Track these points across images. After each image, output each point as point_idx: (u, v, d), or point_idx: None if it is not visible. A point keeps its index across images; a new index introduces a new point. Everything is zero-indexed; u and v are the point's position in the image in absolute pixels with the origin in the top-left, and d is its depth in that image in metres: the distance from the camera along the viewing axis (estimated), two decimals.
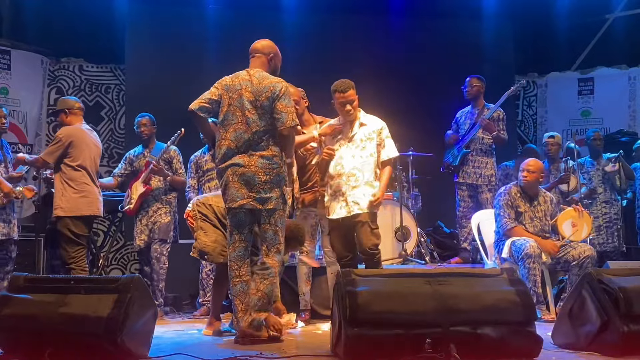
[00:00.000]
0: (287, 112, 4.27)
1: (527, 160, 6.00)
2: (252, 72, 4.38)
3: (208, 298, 6.24)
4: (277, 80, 4.34)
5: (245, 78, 4.36)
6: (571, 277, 5.59)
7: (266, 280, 4.25)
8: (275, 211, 4.29)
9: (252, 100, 4.28)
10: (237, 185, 4.26)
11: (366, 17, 8.66)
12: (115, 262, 8.36)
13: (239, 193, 4.26)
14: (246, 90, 4.30)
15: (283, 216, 4.36)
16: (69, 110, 5.70)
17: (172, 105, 7.80)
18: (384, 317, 3.30)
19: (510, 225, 5.70)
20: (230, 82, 4.37)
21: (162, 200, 6.35)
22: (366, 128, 5.02)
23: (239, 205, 4.26)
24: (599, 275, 3.69)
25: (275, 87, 4.29)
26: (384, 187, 4.97)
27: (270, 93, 4.27)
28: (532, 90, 9.64)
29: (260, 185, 4.24)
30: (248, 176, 4.24)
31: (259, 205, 4.26)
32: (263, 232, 4.32)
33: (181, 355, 3.70)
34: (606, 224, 7.19)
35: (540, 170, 5.90)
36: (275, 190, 4.28)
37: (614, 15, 9.28)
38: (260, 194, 4.25)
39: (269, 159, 4.27)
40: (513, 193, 5.82)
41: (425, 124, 7.97)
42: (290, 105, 4.33)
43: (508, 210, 5.75)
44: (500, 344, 3.30)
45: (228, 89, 4.35)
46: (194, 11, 8.41)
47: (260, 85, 4.30)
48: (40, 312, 3.50)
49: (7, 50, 8.12)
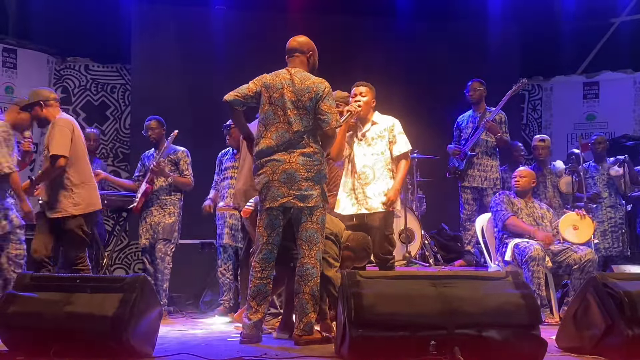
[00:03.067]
0: (331, 113, 4.26)
1: (520, 167, 6.24)
2: (293, 72, 4.34)
3: (225, 297, 6.29)
4: (319, 81, 4.31)
5: (286, 77, 4.31)
6: (573, 281, 5.61)
7: (310, 281, 4.18)
8: (317, 209, 4.22)
9: (294, 100, 4.25)
10: (277, 184, 4.21)
11: (372, 20, 8.68)
12: (119, 261, 8.38)
13: (280, 192, 4.20)
14: (288, 90, 4.26)
15: (324, 214, 4.29)
16: (44, 103, 5.17)
17: (177, 105, 7.90)
18: (388, 319, 3.30)
19: (508, 214, 5.84)
20: (271, 80, 4.33)
21: (166, 201, 6.39)
22: (377, 126, 5.06)
23: (280, 204, 4.21)
24: (604, 279, 3.68)
25: (318, 88, 4.26)
26: (397, 185, 4.95)
27: (314, 94, 4.24)
28: (537, 93, 9.63)
29: (301, 182, 4.19)
30: (289, 173, 4.19)
31: (300, 203, 4.20)
32: (304, 230, 4.22)
33: (186, 354, 3.70)
34: (611, 228, 7.19)
35: (531, 176, 6.10)
36: (316, 188, 4.22)
37: (620, 19, 9.28)
38: (301, 192, 4.19)
39: (309, 156, 4.23)
40: (508, 194, 6.06)
41: (430, 126, 7.97)
42: (334, 105, 4.32)
43: (505, 205, 5.92)
44: (505, 347, 3.29)
45: (268, 87, 4.31)
46: (201, 12, 8.42)
47: (302, 85, 4.27)
48: (45, 311, 3.51)
49: (13, 49, 8.14)
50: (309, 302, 4.17)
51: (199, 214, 6.59)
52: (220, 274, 6.37)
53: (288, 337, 4.46)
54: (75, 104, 8.51)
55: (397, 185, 4.97)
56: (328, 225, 4.47)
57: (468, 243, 6.94)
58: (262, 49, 4.57)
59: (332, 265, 4.42)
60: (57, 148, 4.99)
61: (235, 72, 4.50)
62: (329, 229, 4.49)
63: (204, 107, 7.48)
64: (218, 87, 4.78)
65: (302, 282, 4.19)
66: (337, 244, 4.52)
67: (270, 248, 4.29)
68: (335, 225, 4.62)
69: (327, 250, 4.41)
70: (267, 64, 4.54)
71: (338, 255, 4.50)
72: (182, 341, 4.50)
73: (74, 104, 8.50)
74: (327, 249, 4.42)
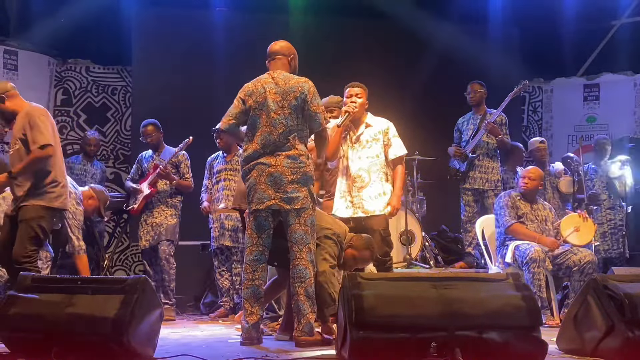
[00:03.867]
0: (321, 112, 4.32)
1: (528, 167, 6.07)
2: (275, 75, 4.37)
3: (224, 299, 6.30)
4: (304, 80, 4.35)
5: (268, 81, 4.35)
6: (573, 283, 5.62)
7: (304, 282, 4.21)
8: (304, 210, 4.25)
9: (279, 101, 4.27)
10: (263, 187, 4.24)
11: (371, 21, 8.67)
12: (119, 263, 8.38)
13: (266, 194, 4.24)
14: (271, 92, 4.29)
15: (312, 215, 4.31)
16: (6, 94, 4.77)
17: (178, 107, 7.90)
18: (389, 321, 3.30)
19: (511, 221, 5.77)
20: (253, 87, 4.37)
21: (167, 203, 6.42)
22: (372, 129, 5.04)
23: (266, 207, 4.25)
24: (604, 281, 3.68)
25: (303, 87, 4.29)
26: (399, 192, 4.97)
27: (299, 93, 4.27)
28: (537, 95, 9.64)
29: (287, 185, 4.22)
30: (275, 176, 4.23)
31: (286, 206, 4.23)
32: (293, 232, 4.25)
33: (187, 356, 3.71)
34: (611, 230, 7.19)
35: (540, 179, 6.00)
36: (302, 190, 4.25)
37: (620, 21, 9.28)
38: (287, 194, 4.23)
39: (295, 159, 4.25)
40: (513, 196, 5.94)
41: (431, 128, 7.98)
42: (321, 104, 4.36)
43: (508, 209, 5.84)
44: (506, 349, 3.29)
45: (251, 94, 4.34)
46: (201, 13, 8.42)
47: (286, 85, 4.30)
48: (47, 312, 3.50)
49: (14, 51, 8.14)
50: (305, 302, 4.20)
51: (199, 215, 6.61)
52: (218, 275, 6.39)
53: (289, 339, 4.48)
54: (76, 106, 8.51)
55: (399, 192, 4.99)
56: (331, 226, 4.52)
57: (469, 245, 6.94)
58: (263, 51, 4.54)
59: (328, 260, 4.41)
60: (46, 137, 4.66)
61: (236, 74, 4.50)
62: (332, 229, 4.51)
63: (205, 110, 7.48)
64: (219, 89, 4.80)
65: (296, 283, 4.23)
66: (337, 244, 4.53)
67: (260, 250, 4.32)
68: (339, 227, 4.64)
69: (325, 247, 4.42)
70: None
71: (336, 255, 4.51)
72: (183, 343, 4.51)
73: (74, 105, 8.51)
74: (327, 247, 4.44)
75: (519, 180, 6.05)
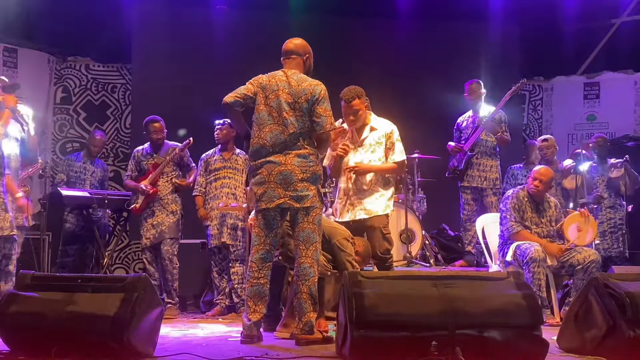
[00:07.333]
0: (326, 116, 4.28)
1: (538, 167, 6.00)
2: (290, 74, 4.35)
3: (220, 297, 6.30)
4: (316, 83, 4.33)
5: (282, 79, 4.33)
6: (576, 282, 5.60)
7: (307, 281, 4.21)
8: (313, 209, 4.26)
9: (291, 102, 4.26)
10: (273, 186, 4.24)
11: (372, 20, 8.67)
12: (119, 261, 8.38)
13: (276, 193, 4.23)
14: (284, 92, 4.28)
15: (320, 214, 4.34)
16: None
17: (178, 105, 7.88)
18: (390, 319, 3.30)
19: (517, 228, 5.71)
20: (267, 81, 4.34)
21: (168, 200, 6.39)
22: (376, 132, 5.04)
23: (276, 205, 4.24)
24: (606, 280, 3.68)
25: (314, 90, 4.27)
26: (373, 168, 4.98)
27: (310, 96, 4.26)
28: (537, 94, 9.63)
29: (297, 183, 4.22)
30: (285, 174, 4.22)
31: (296, 204, 4.23)
32: (301, 231, 4.26)
33: (187, 354, 3.70)
34: (611, 229, 7.18)
35: (551, 181, 5.92)
36: (311, 188, 4.26)
37: (620, 20, 9.28)
38: (297, 192, 4.22)
39: (305, 157, 4.25)
40: (521, 197, 5.84)
41: (431, 126, 7.97)
42: (329, 108, 4.33)
43: (514, 213, 5.76)
44: (506, 348, 3.29)
45: (264, 87, 4.33)
46: (201, 11, 8.42)
47: (299, 87, 4.28)
48: (47, 310, 3.50)
49: (14, 49, 8.14)
50: (307, 301, 4.21)
51: None
52: (216, 274, 6.38)
53: (289, 337, 4.48)
54: (75, 104, 8.51)
55: (374, 168, 4.99)
56: (341, 231, 4.68)
57: (469, 243, 6.94)
58: (263, 49, 4.56)
59: (353, 264, 4.62)
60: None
61: (236, 72, 4.49)
62: (342, 233, 4.68)
63: (205, 107, 7.46)
64: (218, 87, 4.77)
65: (300, 281, 4.23)
66: (353, 246, 4.72)
67: (267, 248, 4.32)
68: (345, 230, 4.76)
69: (349, 254, 4.63)
70: (268, 63, 4.55)
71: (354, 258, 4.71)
72: (183, 341, 4.51)
73: (74, 103, 8.51)
74: (349, 251, 4.64)
75: (529, 180, 5.92)
